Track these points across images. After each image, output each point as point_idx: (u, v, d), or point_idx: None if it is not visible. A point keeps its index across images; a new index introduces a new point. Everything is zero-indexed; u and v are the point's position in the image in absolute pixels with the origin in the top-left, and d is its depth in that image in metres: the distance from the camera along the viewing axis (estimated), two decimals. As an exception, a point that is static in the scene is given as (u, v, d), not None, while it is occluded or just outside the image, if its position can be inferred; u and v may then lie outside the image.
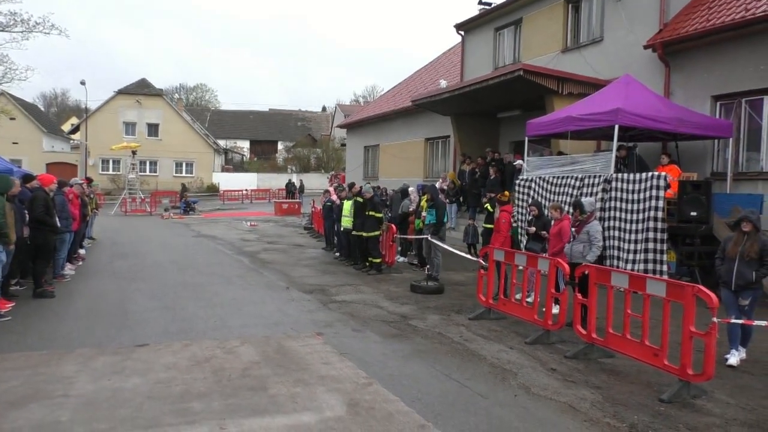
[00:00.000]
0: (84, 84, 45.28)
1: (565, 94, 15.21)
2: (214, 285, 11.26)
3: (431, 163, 25.01)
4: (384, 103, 30.83)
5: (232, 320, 8.45)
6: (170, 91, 71.36)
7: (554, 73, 15.32)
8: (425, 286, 10.92)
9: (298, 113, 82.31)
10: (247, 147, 75.37)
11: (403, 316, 8.93)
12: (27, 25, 26.64)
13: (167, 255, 15.53)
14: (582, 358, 6.92)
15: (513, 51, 20.28)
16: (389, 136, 28.05)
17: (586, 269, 7.20)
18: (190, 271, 12.94)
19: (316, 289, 11.03)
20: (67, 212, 11.59)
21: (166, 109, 51.98)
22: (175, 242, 18.75)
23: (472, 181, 18.17)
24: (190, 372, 6.05)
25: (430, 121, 23.70)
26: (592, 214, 8.50)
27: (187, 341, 7.25)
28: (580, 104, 13.65)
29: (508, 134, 19.86)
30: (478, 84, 16.51)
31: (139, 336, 7.54)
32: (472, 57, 22.35)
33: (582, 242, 8.44)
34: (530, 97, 16.33)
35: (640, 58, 14.68)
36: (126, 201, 33.47)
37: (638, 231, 11.13)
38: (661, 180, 10.91)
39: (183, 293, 10.39)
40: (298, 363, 6.43)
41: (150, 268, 13.32)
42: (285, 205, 34.61)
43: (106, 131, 46.98)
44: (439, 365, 6.55)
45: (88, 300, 9.73)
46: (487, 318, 8.81)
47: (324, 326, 8.21)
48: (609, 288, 6.85)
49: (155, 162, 51.03)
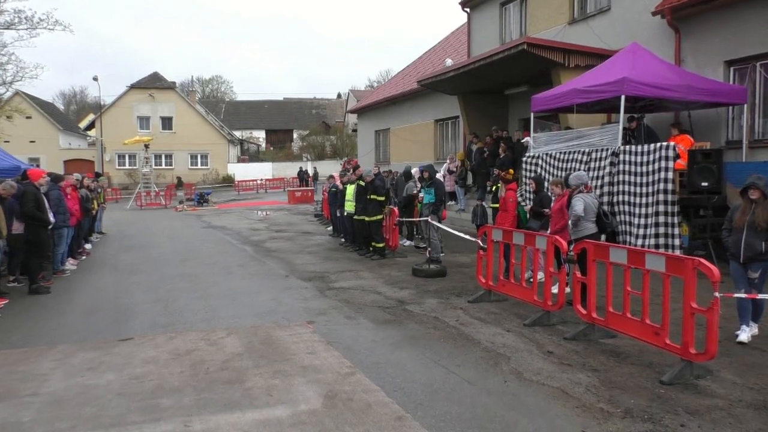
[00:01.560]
0: (96, 80, 45.49)
1: (572, 67, 14.67)
2: (213, 275, 11.07)
3: (441, 145, 24.57)
4: (393, 86, 30.38)
5: (223, 311, 8.24)
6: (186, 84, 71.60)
7: (560, 45, 14.79)
8: (427, 269, 10.61)
9: (313, 101, 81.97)
10: (263, 137, 75.35)
11: (400, 301, 8.64)
12: (31, 22, 26.65)
13: (173, 247, 15.41)
14: (582, 340, 6.57)
15: (520, 26, 19.69)
16: (399, 119, 27.64)
17: (584, 245, 6.83)
18: (191, 262, 12.78)
19: (315, 276, 10.78)
20: (64, 207, 11.45)
21: (179, 102, 52.02)
22: (182, 234, 18.65)
23: (481, 160, 17.74)
24: (168, 366, 5.83)
25: (438, 102, 23.24)
26: (576, 188, 8.10)
27: (173, 334, 7.04)
28: (586, 76, 13.16)
29: (517, 111, 19.34)
30: (483, 60, 16.04)
31: (125, 330, 7.35)
32: (479, 34, 21.81)
33: (570, 217, 8.08)
34: (536, 71, 15.81)
35: (649, 25, 14.07)
36: (141, 195, 33.55)
37: (648, 204, 10.68)
38: (670, 150, 10.42)
39: (180, 285, 10.21)
40: (283, 353, 6.17)
41: (153, 260, 13.19)
42: (298, 193, 34.44)
43: (120, 126, 47.16)
44: (429, 351, 6.25)
45: (83, 295, 9.60)
46: (487, 300, 8.48)
47: (317, 314, 7.95)
48: (608, 264, 6.47)
49: (170, 155, 51.16)
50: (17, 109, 37.50)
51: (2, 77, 31.11)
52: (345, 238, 14.89)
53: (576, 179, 8.03)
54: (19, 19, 26.72)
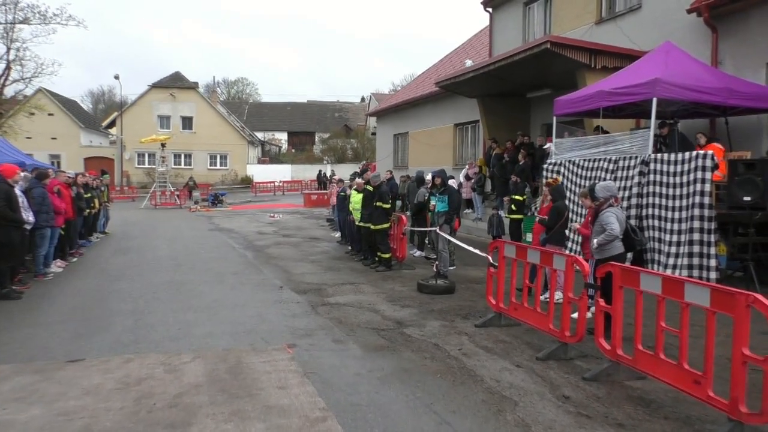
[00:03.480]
0: (118, 78, 45.34)
1: (599, 68, 13.61)
2: (202, 284, 10.19)
3: (461, 150, 23.56)
4: (413, 89, 29.44)
5: (198, 327, 7.31)
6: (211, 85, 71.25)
7: (586, 45, 13.73)
8: (433, 285, 9.59)
9: (336, 104, 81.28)
10: (285, 139, 74.86)
11: (398, 323, 7.63)
12: (44, 17, 26.24)
13: (171, 250, 14.60)
14: (604, 381, 5.50)
15: (544, 26, 18.64)
16: (418, 123, 26.69)
17: (609, 269, 5.77)
18: (184, 267, 11.93)
19: (311, 288, 9.83)
20: (48, 206, 10.66)
21: (200, 102, 51.56)
22: (186, 236, 17.86)
23: (500, 166, 16.69)
24: (109, 399, 4.90)
25: (458, 105, 22.25)
26: (605, 200, 7.05)
27: (131, 355, 6.13)
28: (614, 77, 12.08)
29: (540, 116, 18.24)
30: (503, 61, 15.01)
31: (83, 347, 6.46)
32: (501, 35, 20.77)
33: (596, 234, 7.03)
34: (561, 73, 14.78)
35: (684, 24, 12.94)
36: (156, 194, 33.01)
37: (682, 220, 9.55)
38: (708, 160, 9.29)
39: (163, 294, 9.33)
40: (248, 387, 5.21)
41: (144, 264, 12.36)
42: (314, 196, 33.60)
43: (141, 125, 46.79)
44: (422, 391, 5.24)
45: (54, 303, 8.74)
46: (497, 325, 7.44)
47: (301, 336, 6.98)
48: (638, 293, 5.40)
49: (189, 155, 50.68)
50: (37, 105, 37.24)
51: (21, 73, 30.80)
52: (352, 246, 13.93)
53: (605, 190, 6.96)
54: (32, 14, 26.32)
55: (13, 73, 30.41)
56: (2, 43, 29.21)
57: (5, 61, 29.46)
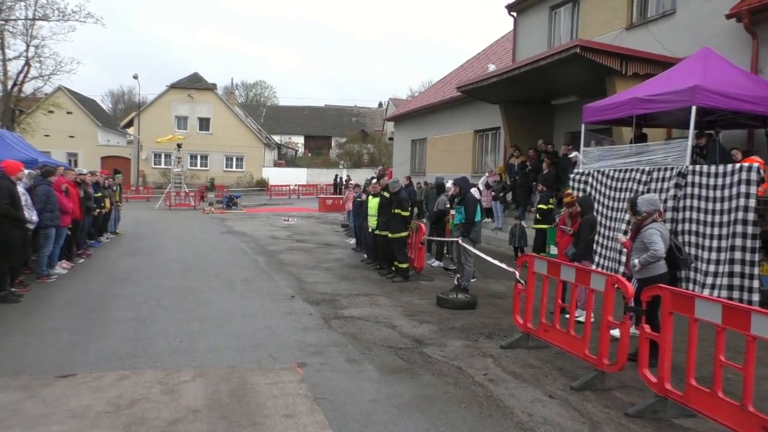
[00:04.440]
0: (136, 78, 45.21)
1: (630, 75, 12.99)
2: (209, 291, 9.67)
3: (480, 157, 22.95)
4: (432, 94, 28.90)
5: (202, 340, 6.77)
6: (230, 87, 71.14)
7: (617, 50, 13.10)
8: (454, 299, 9.00)
9: (353, 109, 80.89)
10: (301, 142, 74.60)
11: (417, 341, 7.05)
12: (63, 14, 26.07)
13: (180, 253, 14.13)
14: (650, 418, 4.88)
15: (570, 31, 18.00)
16: (437, 128, 26.13)
17: (657, 291, 5.16)
18: (193, 272, 11.43)
19: (325, 299, 9.27)
20: (54, 205, 10.22)
21: (218, 104, 51.33)
22: (198, 238, 17.40)
23: (522, 175, 16.08)
24: (95, 425, 4.37)
25: (479, 111, 21.66)
26: (648, 215, 6.43)
27: (127, 371, 5.60)
28: (648, 84, 11.48)
29: (564, 124, 17.60)
30: (529, 65, 14.41)
31: (77, 360, 5.95)
32: (526, 40, 20.14)
33: (636, 251, 6.41)
34: (589, 79, 14.17)
35: (721, 30, 12.28)
36: (170, 195, 32.70)
37: (722, 237, 8.89)
38: (753, 173, 8.65)
39: (168, 301, 8.82)
40: (251, 414, 4.66)
41: (153, 268, 11.89)
42: (329, 200, 33.17)
43: (158, 125, 46.59)
44: (445, 423, 4.65)
45: (54, 308, 8.26)
46: (525, 347, 6.84)
47: (313, 353, 6.42)
48: (692, 320, 4.79)
49: (206, 156, 50.44)
50: (55, 103, 37.16)
51: (39, 70, 30.63)
52: (367, 254, 13.36)
53: (648, 204, 6.34)
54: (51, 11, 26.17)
55: (32, 70, 30.24)
56: (22, 39, 29.06)
57: (24, 58, 29.28)
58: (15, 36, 28.94)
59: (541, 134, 17.39)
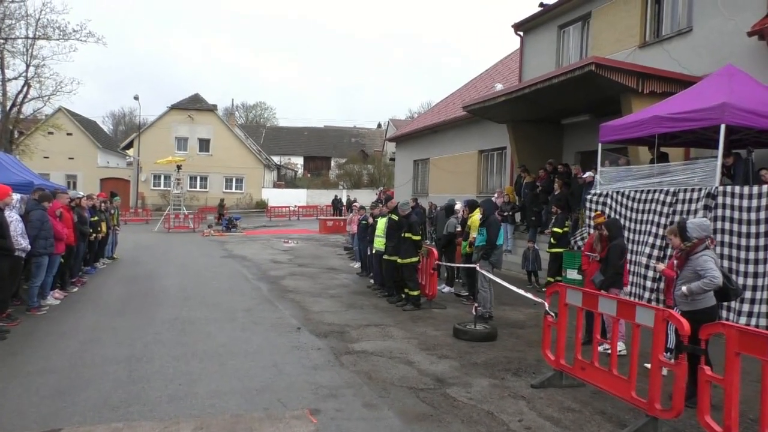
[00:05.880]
0: (137, 99, 44.79)
1: (646, 93, 12.47)
2: (210, 322, 9.01)
3: (485, 178, 22.38)
4: (435, 114, 28.45)
5: (203, 383, 6.11)
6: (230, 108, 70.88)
7: (633, 68, 12.57)
8: (472, 330, 8.35)
9: (353, 130, 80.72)
10: (301, 163, 74.25)
11: (438, 380, 6.39)
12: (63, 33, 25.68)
13: (179, 279, 13.45)
14: (718, 477, 4.24)
15: (580, 50, 17.52)
16: (440, 149, 25.62)
17: (720, 329, 4.54)
18: (192, 301, 10.76)
19: (333, 330, 8.62)
20: (48, 230, 9.59)
21: (218, 125, 50.93)
22: (197, 263, 16.72)
23: (533, 196, 15.50)
24: (79, 497, 3.72)
25: (484, 131, 21.15)
26: (700, 241, 5.83)
27: (120, 423, 4.94)
28: (669, 102, 10.94)
29: (574, 143, 17.07)
30: (541, 84, 13.86)
31: (62, 411, 5.28)
32: (533, 59, 19.66)
33: (684, 281, 5.79)
34: (602, 97, 13.65)
35: (742, 48, 11.79)
36: (169, 217, 32.05)
37: (759, 261, 8.32)
38: (791, 194, 8.06)
39: (165, 335, 8.15)
40: (261, 477, 4.00)
41: (150, 296, 11.23)
42: (330, 222, 32.56)
43: (158, 146, 46.12)
44: (486, 488, 4.01)
45: (42, 344, 7.58)
46: (558, 386, 6.20)
47: (326, 396, 5.76)
48: (765, 363, 4.16)
49: (205, 177, 49.93)
50: (55, 125, 36.72)
51: (39, 91, 30.18)
52: (374, 279, 12.72)
53: (699, 230, 5.73)
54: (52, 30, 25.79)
55: (31, 90, 29.79)
56: (21, 59, 28.64)
57: (24, 78, 28.82)
58: (15, 56, 28.58)
59: (551, 154, 16.88)
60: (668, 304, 6.35)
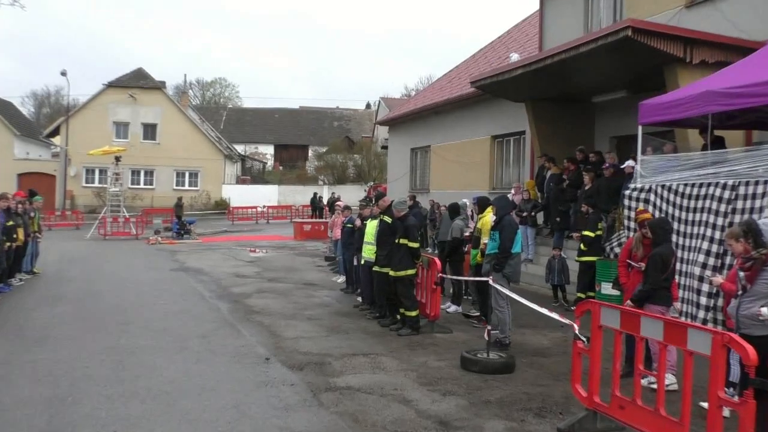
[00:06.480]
0: (65, 75, 44.83)
1: (696, 63, 12.57)
2: (156, 353, 9.00)
3: (500, 170, 22.63)
4: (436, 92, 28.63)
5: (144, 430, 6.03)
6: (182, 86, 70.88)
7: (679, 33, 12.65)
8: (485, 359, 8.35)
9: (335, 111, 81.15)
10: (271, 153, 74.51)
11: (442, 423, 6.36)
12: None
13: (118, 298, 13.50)
14: None
15: (614, 12, 17.64)
16: (443, 134, 25.86)
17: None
18: (134, 326, 10.75)
19: (310, 361, 8.61)
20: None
21: (167, 107, 50.97)
22: (141, 278, 16.74)
23: (558, 192, 15.56)
24: None
25: (497, 112, 21.38)
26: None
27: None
28: (724, 74, 11.04)
29: (607, 127, 17.25)
30: (567, 52, 13.92)
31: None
32: (555, 24, 19.81)
33: (757, 298, 5.73)
34: (642, 70, 13.86)
35: (815, 5, 11.89)
36: (106, 221, 31.92)
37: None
38: None
39: (98, 370, 8.09)
40: None
41: (80, 321, 11.22)
42: (307, 226, 32.73)
43: (92, 133, 46.08)
44: None
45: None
46: (592, 429, 6.17)
47: (300, 446, 5.71)
48: None
49: (151, 171, 50.02)
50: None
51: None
52: (362, 297, 12.72)
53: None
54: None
55: None
56: None
57: None
58: None
59: (580, 140, 16.95)
60: (729, 326, 6.32)
